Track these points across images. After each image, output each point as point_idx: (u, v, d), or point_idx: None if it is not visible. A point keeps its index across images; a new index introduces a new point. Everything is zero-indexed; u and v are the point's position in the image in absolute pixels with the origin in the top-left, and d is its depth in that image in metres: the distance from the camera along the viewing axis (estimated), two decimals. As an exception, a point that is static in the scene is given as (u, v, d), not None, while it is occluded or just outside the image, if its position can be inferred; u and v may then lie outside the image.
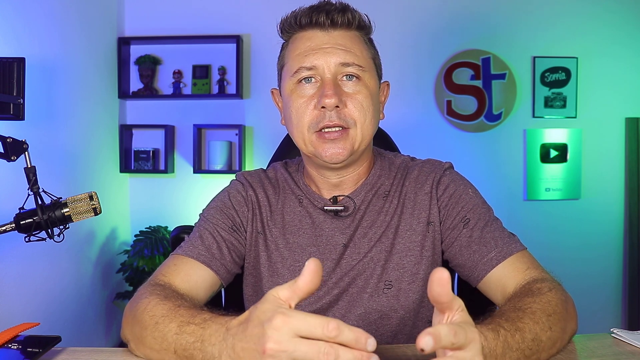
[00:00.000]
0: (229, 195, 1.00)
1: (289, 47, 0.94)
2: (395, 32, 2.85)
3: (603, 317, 2.86)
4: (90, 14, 2.55)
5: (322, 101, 0.86)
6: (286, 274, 0.94)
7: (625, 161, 2.89)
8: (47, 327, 1.94)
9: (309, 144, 0.90)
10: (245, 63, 2.91)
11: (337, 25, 0.90)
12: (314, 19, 0.90)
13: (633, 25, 2.86)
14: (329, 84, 0.87)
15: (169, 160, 2.88)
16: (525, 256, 0.87)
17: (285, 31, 0.95)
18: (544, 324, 0.68)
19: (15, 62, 0.91)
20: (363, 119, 0.89)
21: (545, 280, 0.80)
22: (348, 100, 0.88)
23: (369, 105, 0.90)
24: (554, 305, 0.72)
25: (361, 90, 0.89)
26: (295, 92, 0.91)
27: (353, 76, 0.89)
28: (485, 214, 0.92)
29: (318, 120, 0.88)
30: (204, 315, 0.65)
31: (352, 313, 0.92)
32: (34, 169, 0.87)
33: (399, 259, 0.92)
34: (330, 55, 0.88)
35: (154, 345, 0.68)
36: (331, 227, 0.95)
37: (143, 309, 0.73)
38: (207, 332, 0.61)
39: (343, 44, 0.89)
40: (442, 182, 0.96)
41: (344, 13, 0.90)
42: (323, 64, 0.88)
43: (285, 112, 0.95)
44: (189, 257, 0.89)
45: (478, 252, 0.88)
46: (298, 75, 0.90)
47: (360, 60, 0.90)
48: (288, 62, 0.93)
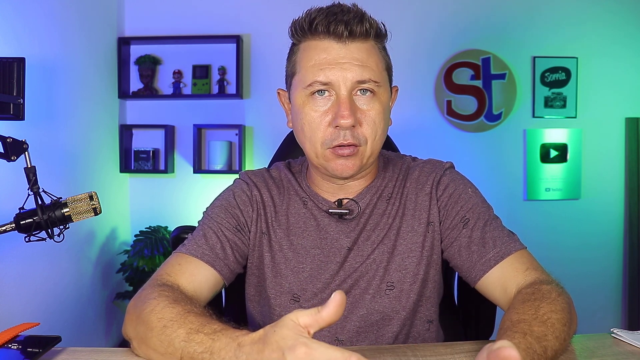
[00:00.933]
0: (233, 195, 0.99)
1: (302, 54, 0.90)
2: (395, 32, 2.82)
3: (603, 317, 2.86)
4: (90, 14, 2.55)
5: (337, 121, 0.85)
6: (290, 276, 0.94)
7: (625, 161, 2.89)
8: (47, 327, 1.94)
9: (321, 157, 0.90)
10: (245, 63, 2.91)
11: (355, 36, 0.86)
12: (332, 29, 0.85)
13: (633, 25, 2.86)
14: (344, 104, 0.85)
15: (169, 160, 2.88)
16: (524, 256, 0.86)
17: (297, 34, 0.90)
18: (562, 336, 0.70)
19: (15, 62, 0.91)
20: (374, 136, 0.89)
21: (549, 282, 0.80)
22: (362, 118, 0.87)
23: (381, 120, 0.89)
24: (566, 313, 0.73)
25: (374, 107, 0.88)
26: (308, 105, 0.89)
27: (367, 91, 0.88)
28: (485, 213, 0.92)
29: (332, 138, 0.87)
30: (214, 326, 0.65)
31: (355, 314, 0.92)
32: (34, 169, 0.87)
33: (401, 260, 0.92)
34: (346, 71, 0.85)
35: (158, 348, 0.68)
36: (336, 230, 0.94)
37: (150, 310, 0.72)
38: (217, 345, 0.61)
39: (359, 59, 0.86)
40: (441, 182, 0.96)
41: (362, 23, 0.86)
42: (339, 79, 0.86)
43: (296, 121, 0.93)
44: (193, 257, 0.89)
45: (476, 253, 0.88)
46: (312, 89, 0.87)
47: (375, 75, 0.87)
48: (300, 71, 0.90)
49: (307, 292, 0.93)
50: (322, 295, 0.93)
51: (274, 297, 0.94)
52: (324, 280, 0.93)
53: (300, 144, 0.95)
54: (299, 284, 0.93)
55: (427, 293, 0.94)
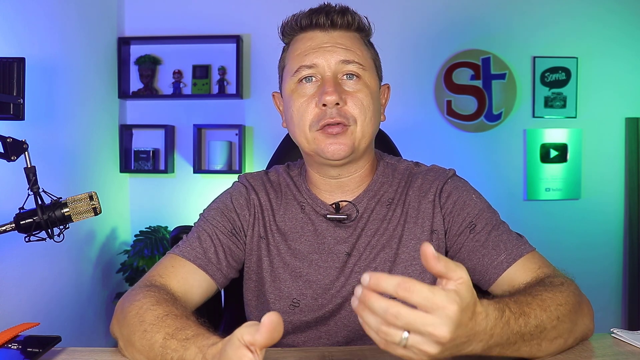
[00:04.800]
0: (231, 198, 0.99)
1: (290, 48, 0.95)
2: (395, 32, 2.85)
3: (603, 317, 2.86)
4: (90, 14, 2.55)
5: (322, 98, 0.87)
6: (288, 280, 0.93)
7: (625, 161, 2.89)
8: (47, 327, 1.94)
9: (311, 141, 0.90)
10: (245, 63, 2.91)
11: (337, 26, 0.91)
12: (314, 20, 0.91)
13: (633, 25, 2.86)
14: (329, 82, 0.88)
15: (169, 160, 2.88)
16: (535, 257, 0.86)
17: (286, 34, 0.96)
18: (552, 312, 0.69)
19: (15, 62, 0.91)
20: (363, 117, 0.89)
21: (558, 276, 0.80)
22: (348, 98, 0.89)
23: (369, 103, 0.90)
24: (565, 296, 0.73)
25: (361, 89, 0.90)
26: (296, 91, 0.91)
27: (353, 75, 0.90)
28: (492, 217, 0.92)
29: (319, 118, 0.88)
30: (187, 332, 0.66)
31: (355, 322, 0.90)
32: (34, 169, 0.87)
33: (404, 268, 0.91)
34: (330, 53, 0.89)
35: (142, 352, 0.70)
36: (334, 236, 0.94)
37: (135, 313, 0.73)
38: (188, 354, 0.63)
39: (343, 43, 0.90)
40: (444, 190, 0.95)
41: (343, 15, 0.91)
42: (323, 62, 0.89)
43: (287, 112, 0.94)
44: (186, 259, 0.89)
45: (487, 256, 0.87)
46: (298, 75, 0.90)
47: (360, 59, 0.90)
48: (288, 62, 0.94)
49: (306, 297, 0.92)
50: (322, 301, 0.92)
51: (273, 302, 0.93)
52: (323, 285, 0.92)
53: (292, 136, 0.96)
54: (298, 289, 0.93)
55: None
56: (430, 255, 0.53)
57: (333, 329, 0.92)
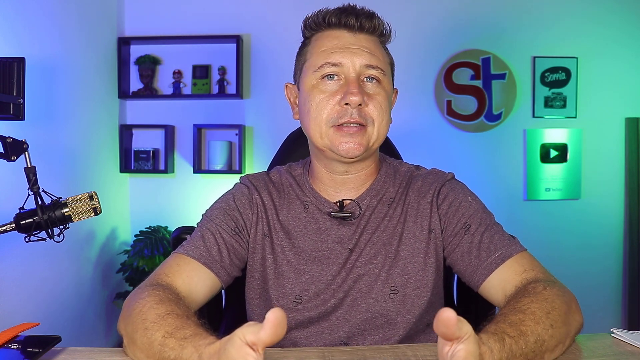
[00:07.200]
0: (233, 197, 1.00)
1: (314, 43, 0.96)
2: (395, 32, 2.84)
3: (603, 317, 2.86)
4: (90, 14, 2.55)
5: (347, 98, 0.89)
6: (292, 277, 0.95)
7: (625, 161, 2.89)
8: (47, 327, 1.94)
9: (325, 137, 0.92)
10: (245, 63, 2.91)
11: (364, 30, 0.94)
12: (343, 21, 0.93)
13: (633, 25, 2.86)
14: (354, 83, 0.90)
15: (169, 160, 2.88)
16: (524, 257, 0.87)
17: (310, 28, 0.98)
18: (545, 322, 0.69)
19: (15, 62, 0.91)
20: (380, 119, 0.92)
21: (540, 280, 0.81)
22: (369, 100, 0.92)
23: (387, 107, 0.94)
24: (550, 301, 0.73)
25: (380, 93, 0.93)
26: (317, 87, 0.93)
27: (374, 79, 0.93)
28: (486, 219, 0.94)
29: (339, 115, 0.91)
30: (186, 331, 0.67)
31: (356, 317, 0.93)
32: (34, 169, 0.87)
33: (404, 265, 0.94)
34: (356, 55, 0.92)
35: (142, 349, 0.71)
36: (337, 233, 0.96)
37: (139, 311, 0.74)
38: (184, 353, 0.64)
39: (368, 47, 0.93)
40: (442, 192, 0.98)
41: (371, 19, 0.95)
42: (349, 62, 0.91)
43: (304, 106, 0.96)
44: (191, 258, 0.90)
45: (478, 258, 0.89)
46: (322, 71, 0.92)
47: (382, 64, 0.94)
48: (312, 57, 0.95)
49: (309, 293, 0.94)
50: (324, 296, 0.93)
51: (277, 299, 0.95)
52: (325, 280, 0.94)
53: (305, 130, 0.97)
54: (301, 286, 0.94)
55: (431, 299, 0.95)
56: (452, 322, 0.52)
57: (335, 324, 0.93)
